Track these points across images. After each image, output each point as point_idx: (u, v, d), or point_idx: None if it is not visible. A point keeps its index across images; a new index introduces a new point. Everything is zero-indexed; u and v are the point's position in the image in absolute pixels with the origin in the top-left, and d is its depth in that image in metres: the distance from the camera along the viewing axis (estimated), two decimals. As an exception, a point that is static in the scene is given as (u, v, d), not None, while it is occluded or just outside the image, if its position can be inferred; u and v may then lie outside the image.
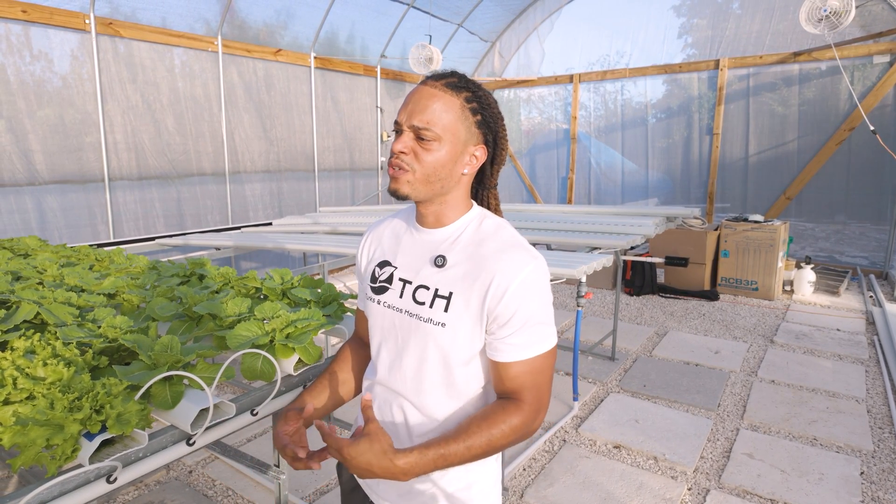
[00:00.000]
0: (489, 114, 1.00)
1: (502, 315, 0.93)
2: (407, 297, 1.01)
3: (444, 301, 0.96)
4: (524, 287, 0.93)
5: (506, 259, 0.94)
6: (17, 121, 4.15)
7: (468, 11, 7.67)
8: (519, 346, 0.94)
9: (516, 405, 0.94)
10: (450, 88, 0.96)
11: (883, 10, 5.87)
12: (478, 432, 0.91)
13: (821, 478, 2.53)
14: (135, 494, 2.43)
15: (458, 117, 0.96)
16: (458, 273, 0.97)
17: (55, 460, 0.90)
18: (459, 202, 1.03)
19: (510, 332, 0.94)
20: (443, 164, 0.96)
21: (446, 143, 0.95)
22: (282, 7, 5.85)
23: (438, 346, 0.97)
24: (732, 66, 6.77)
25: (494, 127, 1.01)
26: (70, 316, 1.43)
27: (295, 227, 4.66)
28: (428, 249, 1.03)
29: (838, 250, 6.47)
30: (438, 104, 0.94)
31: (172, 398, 1.06)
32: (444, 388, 1.00)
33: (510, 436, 0.93)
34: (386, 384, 1.07)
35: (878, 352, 4.04)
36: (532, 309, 0.94)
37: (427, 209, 1.03)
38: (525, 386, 0.95)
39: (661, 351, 4.17)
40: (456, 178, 1.00)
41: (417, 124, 0.94)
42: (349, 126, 7.08)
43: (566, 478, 2.55)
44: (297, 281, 1.76)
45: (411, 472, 0.87)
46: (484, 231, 1.01)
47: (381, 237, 1.13)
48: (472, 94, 0.98)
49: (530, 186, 8.83)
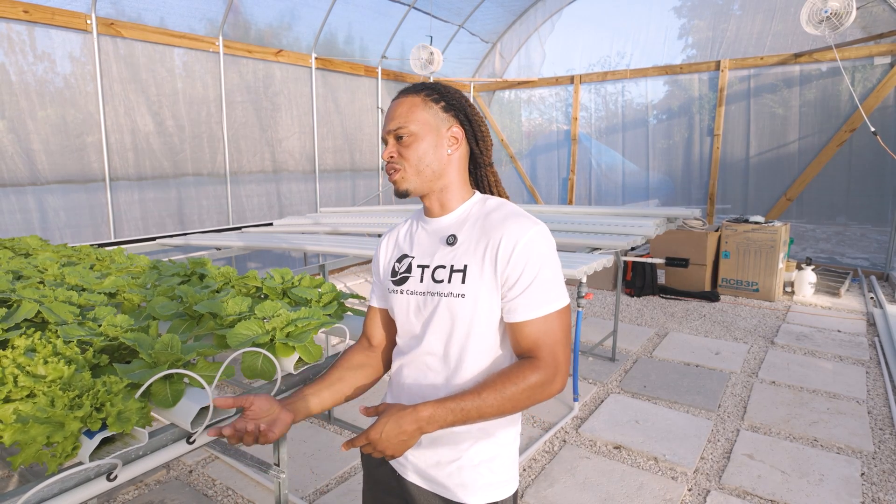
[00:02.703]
0: (451, 97, 1.11)
1: (511, 276, 1.01)
2: (427, 279, 1.08)
3: (460, 274, 1.04)
4: (528, 247, 1.00)
5: (509, 225, 1.03)
6: (19, 121, 4.15)
7: (469, 12, 7.67)
8: (529, 306, 1.00)
9: (532, 363, 0.99)
10: (409, 93, 1.11)
11: (884, 12, 5.87)
12: (493, 387, 0.96)
13: (821, 479, 2.52)
14: (135, 494, 2.43)
15: (422, 109, 1.08)
16: (469, 246, 1.05)
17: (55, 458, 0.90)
18: (458, 187, 1.12)
19: (519, 291, 1.00)
20: (425, 151, 1.07)
21: (421, 135, 1.07)
22: (284, 8, 5.86)
23: (461, 317, 1.03)
24: (733, 67, 6.77)
25: (461, 106, 1.12)
26: (71, 315, 1.43)
27: (295, 228, 4.66)
28: (439, 234, 1.11)
29: (839, 252, 6.47)
30: (403, 107, 1.09)
31: (173, 396, 1.07)
32: (471, 356, 1.05)
33: (527, 392, 0.97)
34: (414, 360, 1.11)
35: (879, 353, 4.04)
36: (538, 267, 1.00)
37: (431, 201, 1.13)
38: (539, 344, 1.00)
39: (662, 352, 4.16)
40: (444, 161, 1.10)
41: (392, 128, 1.08)
42: (350, 127, 7.09)
43: (566, 478, 2.55)
44: (297, 280, 1.76)
45: (434, 421, 0.94)
46: (488, 207, 1.10)
47: (396, 238, 1.21)
48: (430, 90, 1.11)
49: (531, 187, 8.83)
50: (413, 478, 1.10)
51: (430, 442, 1.07)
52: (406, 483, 1.11)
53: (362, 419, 3.08)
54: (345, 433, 2.98)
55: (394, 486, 1.15)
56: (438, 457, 1.07)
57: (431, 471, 1.08)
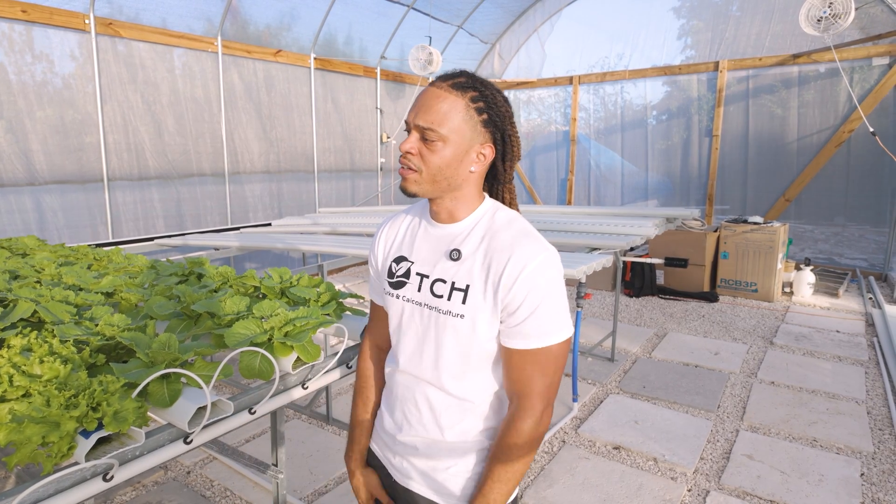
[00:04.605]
0: (496, 112, 1.00)
1: (512, 303, 0.95)
2: (425, 290, 1.04)
3: (461, 293, 0.99)
4: (534, 275, 0.94)
5: (517, 248, 0.96)
6: (17, 121, 4.14)
7: (468, 13, 7.67)
8: (526, 336, 0.96)
9: (519, 413, 0.98)
10: (456, 89, 0.97)
11: (882, 13, 5.88)
12: (500, 470, 0.98)
13: (821, 479, 2.52)
14: (132, 495, 2.42)
15: (462, 118, 0.96)
16: (473, 265, 0.99)
17: (51, 458, 0.89)
18: (471, 198, 1.04)
19: (519, 320, 0.95)
20: (447, 163, 0.97)
21: (451, 144, 0.97)
22: (283, 8, 5.86)
23: (458, 337, 1.00)
24: (732, 67, 6.78)
25: (502, 125, 1.01)
26: (67, 314, 1.42)
27: (294, 228, 4.65)
28: (443, 244, 1.05)
29: (838, 252, 6.47)
30: (443, 105, 0.96)
31: (170, 396, 1.06)
32: (465, 375, 1.03)
33: (527, 445, 0.97)
34: (407, 371, 1.09)
35: (878, 353, 4.04)
36: (540, 297, 0.95)
37: (439, 206, 1.05)
38: (530, 385, 0.97)
39: (661, 352, 4.16)
40: (463, 176, 1.01)
41: (422, 124, 0.96)
42: (349, 127, 7.08)
43: (566, 479, 2.54)
44: (295, 280, 1.76)
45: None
46: (497, 223, 1.02)
47: (395, 233, 1.15)
48: (479, 94, 0.98)
49: (530, 188, 8.83)
50: (411, 484, 1.09)
51: (429, 448, 1.06)
52: (402, 489, 1.10)
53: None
54: (343, 434, 2.97)
55: (390, 492, 1.15)
56: (437, 463, 1.06)
57: (430, 477, 1.07)
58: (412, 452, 1.08)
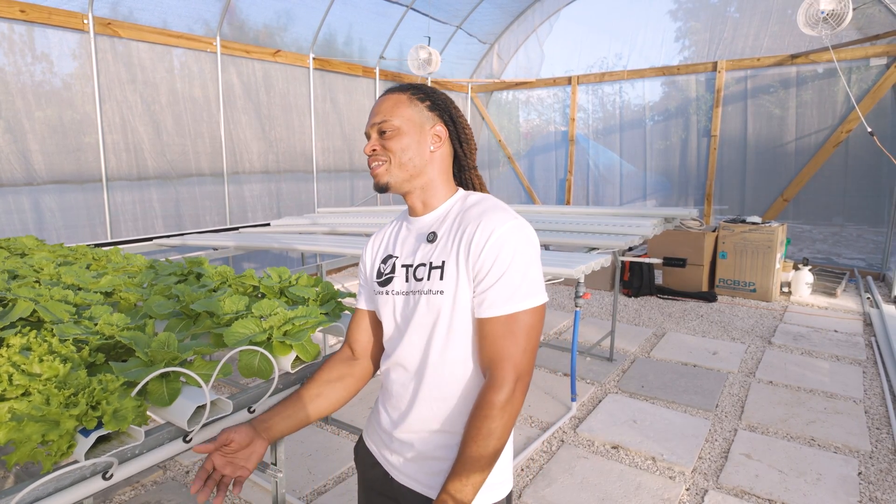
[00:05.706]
0: (436, 97, 1.12)
1: (482, 269, 0.98)
2: (410, 278, 1.08)
3: (438, 270, 1.03)
4: (502, 239, 0.97)
5: (486, 217, 1.01)
6: (15, 121, 4.14)
7: (467, 13, 7.68)
8: (496, 301, 0.96)
9: (490, 384, 0.95)
10: (395, 91, 1.12)
11: (880, 13, 5.89)
12: (471, 447, 0.94)
13: (819, 478, 2.53)
14: (131, 494, 2.42)
15: (407, 106, 1.09)
16: (447, 242, 1.04)
17: (50, 456, 0.89)
18: (441, 186, 1.12)
19: (487, 286, 0.97)
20: (408, 145, 1.07)
21: (405, 131, 1.07)
22: (281, 8, 5.86)
23: (441, 314, 1.02)
24: (730, 68, 6.79)
25: (445, 107, 1.12)
26: (66, 313, 1.42)
27: (293, 228, 4.66)
28: (422, 233, 1.11)
29: (836, 252, 6.48)
30: (388, 103, 1.09)
31: (169, 395, 1.06)
32: (450, 355, 1.03)
33: (499, 420, 0.93)
34: (400, 364, 1.10)
35: (876, 353, 4.05)
36: (508, 262, 0.96)
37: (413, 199, 1.12)
38: (502, 349, 0.96)
39: (660, 352, 4.17)
40: (426, 157, 1.09)
41: (376, 121, 1.08)
42: (348, 127, 7.08)
43: (564, 478, 2.55)
44: (294, 279, 1.76)
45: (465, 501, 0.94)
46: (469, 203, 1.09)
47: (381, 238, 1.22)
48: (416, 88, 1.11)
49: (528, 188, 8.84)
50: (406, 481, 1.09)
51: (424, 444, 1.07)
52: (399, 486, 1.11)
53: (361, 419, 3.08)
54: (342, 433, 2.98)
55: (387, 489, 1.15)
56: (431, 460, 1.06)
57: (424, 474, 1.07)
58: (408, 448, 1.09)
